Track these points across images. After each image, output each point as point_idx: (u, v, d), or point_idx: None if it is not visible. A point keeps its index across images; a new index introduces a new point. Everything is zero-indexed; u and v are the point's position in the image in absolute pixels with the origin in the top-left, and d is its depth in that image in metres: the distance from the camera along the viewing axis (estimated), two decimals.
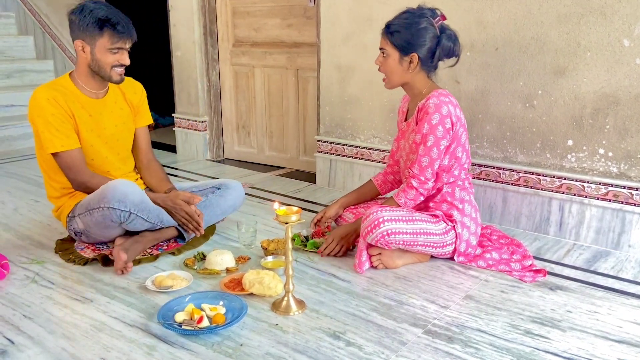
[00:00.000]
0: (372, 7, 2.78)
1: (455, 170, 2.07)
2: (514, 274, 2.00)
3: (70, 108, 2.02)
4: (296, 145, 3.66)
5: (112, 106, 2.16)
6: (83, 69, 2.06)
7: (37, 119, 1.98)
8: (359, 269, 2.01)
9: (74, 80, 2.08)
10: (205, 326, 1.58)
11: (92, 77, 2.08)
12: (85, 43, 1.99)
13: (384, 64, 2.04)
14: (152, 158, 2.33)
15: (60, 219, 2.18)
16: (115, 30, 1.97)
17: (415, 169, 2.02)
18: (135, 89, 2.26)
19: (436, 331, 1.63)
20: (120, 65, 2.04)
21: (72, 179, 2.04)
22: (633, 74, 2.12)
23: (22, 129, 4.22)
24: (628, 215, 2.21)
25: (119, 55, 2.01)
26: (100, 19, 1.95)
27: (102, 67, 2.02)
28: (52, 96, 1.98)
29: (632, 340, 1.59)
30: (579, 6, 2.18)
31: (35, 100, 1.99)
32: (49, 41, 4.93)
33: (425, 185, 2.02)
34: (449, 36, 1.98)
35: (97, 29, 1.95)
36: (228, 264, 2.02)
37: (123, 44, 2.01)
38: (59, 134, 1.98)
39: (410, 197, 2.03)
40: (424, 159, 2.00)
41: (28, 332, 1.62)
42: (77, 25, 1.97)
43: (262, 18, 3.59)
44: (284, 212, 1.67)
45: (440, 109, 1.95)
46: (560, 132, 2.32)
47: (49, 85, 2.04)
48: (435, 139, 1.97)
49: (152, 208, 2.04)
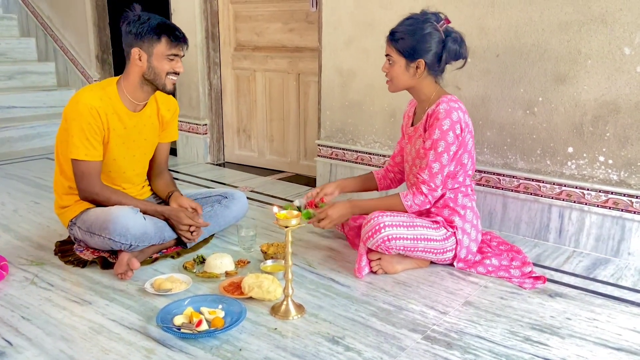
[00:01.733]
0: (374, 12, 2.79)
1: (460, 176, 2.07)
2: (513, 280, 2.00)
3: (108, 121, 2.03)
4: (297, 149, 3.66)
5: (146, 120, 2.18)
6: (134, 79, 2.06)
7: (73, 122, 1.98)
8: (358, 274, 2.01)
9: (120, 89, 2.08)
10: (204, 330, 1.58)
11: (141, 88, 2.08)
12: (143, 51, 2.00)
13: (391, 70, 2.03)
14: (165, 169, 2.36)
15: (61, 218, 2.17)
16: (173, 37, 2.01)
17: (426, 174, 1.99)
18: (170, 106, 2.27)
19: (435, 337, 1.62)
20: (175, 73, 2.06)
21: (82, 187, 2.03)
22: (633, 82, 2.12)
23: (23, 131, 4.23)
24: (628, 223, 2.21)
25: (174, 63, 2.04)
26: (159, 25, 1.99)
27: (158, 75, 2.03)
28: (95, 107, 1.98)
29: (631, 348, 1.59)
30: (580, 14, 2.19)
31: (78, 104, 1.98)
32: (50, 43, 4.94)
33: (435, 193, 2.00)
34: (455, 39, 1.97)
35: (155, 36, 1.98)
36: (227, 267, 2.02)
37: (179, 51, 2.05)
38: (87, 144, 1.99)
39: (418, 202, 2.02)
40: (434, 164, 1.98)
41: (26, 333, 1.62)
42: (135, 34, 1.99)
43: (264, 22, 3.60)
44: (284, 216, 1.67)
45: (451, 115, 1.94)
46: (560, 139, 2.33)
47: (96, 93, 2.02)
48: (446, 145, 1.96)
49: (153, 235, 2.04)
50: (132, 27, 1.99)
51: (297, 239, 2.37)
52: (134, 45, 2.00)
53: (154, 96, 2.18)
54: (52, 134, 4.37)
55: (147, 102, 2.16)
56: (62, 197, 2.15)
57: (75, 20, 4.68)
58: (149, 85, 2.07)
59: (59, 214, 2.18)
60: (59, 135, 2.11)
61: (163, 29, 1.99)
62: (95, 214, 2.02)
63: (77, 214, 2.09)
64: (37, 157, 3.94)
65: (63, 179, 2.13)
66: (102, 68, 4.68)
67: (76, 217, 2.09)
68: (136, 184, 2.25)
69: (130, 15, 2.02)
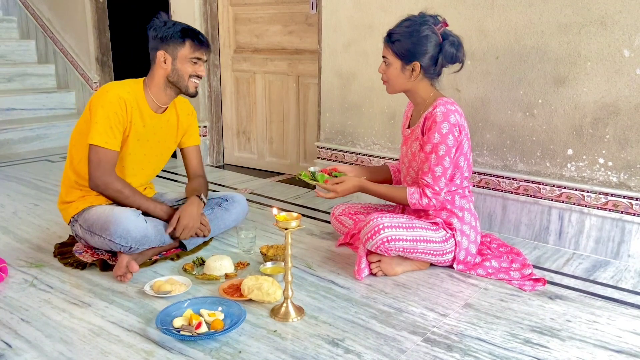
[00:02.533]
0: (374, 15, 2.79)
1: (456, 179, 2.07)
2: (513, 282, 2.00)
3: (132, 115, 2.08)
4: (296, 151, 3.66)
5: (166, 123, 2.22)
6: (158, 81, 2.12)
7: (100, 110, 2.01)
8: (358, 276, 2.01)
9: (145, 89, 2.14)
10: (203, 332, 1.58)
11: (165, 91, 2.14)
12: (167, 54, 2.08)
13: (387, 72, 2.04)
14: (200, 175, 2.36)
15: (63, 213, 2.17)
16: (197, 40, 2.09)
17: (429, 178, 1.99)
18: (189, 111, 2.34)
19: (435, 339, 1.62)
20: (198, 77, 2.13)
21: (96, 175, 2.02)
22: (633, 84, 2.12)
23: (23, 133, 4.23)
24: (628, 225, 2.21)
25: (197, 66, 2.11)
26: (184, 29, 2.08)
27: (182, 77, 2.10)
28: (124, 98, 2.05)
29: (631, 351, 1.58)
30: (580, 16, 2.19)
31: (107, 93, 2.04)
32: (50, 45, 4.94)
33: (439, 197, 2.00)
34: (452, 42, 1.97)
35: (179, 39, 2.06)
36: (227, 269, 2.02)
37: (202, 55, 2.11)
38: (110, 132, 2.02)
39: (423, 203, 2.02)
40: (437, 168, 1.98)
41: (25, 336, 1.61)
42: (161, 37, 2.07)
43: (264, 25, 3.60)
44: (283, 218, 1.67)
45: (449, 118, 1.94)
46: (560, 141, 2.33)
47: (124, 86, 2.09)
48: (447, 148, 1.96)
49: (153, 238, 2.04)
50: (158, 32, 2.08)
51: (296, 241, 2.37)
52: (159, 48, 2.09)
53: (173, 102, 2.24)
54: (51, 136, 4.38)
55: (168, 107, 2.21)
56: (68, 191, 2.15)
57: (75, 23, 4.68)
58: (172, 88, 2.14)
59: (61, 209, 2.18)
60: (77, 126, 2.15)
61: (187, 33, 2.08)
62: (97, 213, 2.02)
63: (80, 211, 2.09)
64: (37, 159, 3.94)
65: (71, 172, 2.13)
66: (102, 70, 4.69)
67: (78, 214, 2.10)
68: (141, 185, 2.25)
69: (156, 21, 2.11)
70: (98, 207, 2.06)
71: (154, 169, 2.31)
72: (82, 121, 2.12)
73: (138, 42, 5.45)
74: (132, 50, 5.41)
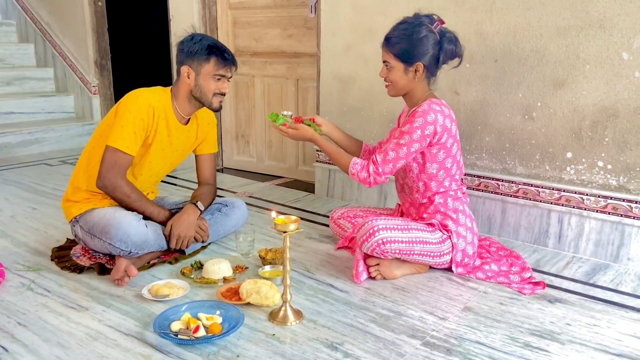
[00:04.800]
0: (373, 18, 2.79)
1: (445, 181, 2.07)
2: (513, 286, 1.99)
3: (157, 124, 2.08)
4: (295, 154, 3.66)
5: (187, 134, 2.22)
6: (183, 94, 2.12)
7: (127, 113, 2.00)
8: (356, 280, 2.00)
9: (173, 100, 2.14)
10: (201, 336, 1.57)
11: (189, 103, 2.14)
12: (192, 69, 2.07)
13: (389, 75, 2.04)
14: (209, 183, 2.34)
15: (66, 212, 2.16)
16: (222, 57, 2.06)
17: (379, 157, 1.99)
18: (210, 120, 2.32)
19: (434, 343, 1.61)
20: (221, 94, 2.12)
21: (107, 176, 2.01)
22: (632, 87, 2.12)
23: (21, 136, 4.22)
24: (627, 228, 2.21)
25: (220, 83, 2.09)
26: (210, 46, 2.05)
27: (205, 94, 2.09)
28: (153, 106, 2.04)
29: (631, 354, 1.58)
30: (578, 19, 2.20)
31: (138, 98, 2.04)
32: (49, 49, 4.94)
33: (379, 178, 1.99)
34: (450, 39, 1.99)
35: (204, 55, 2.04)
36: (225, 273, 2.01)
37: (226, 72, 2.09)
38: (133, 137, 2.01)
39: (361, 176, 2.01)
40: (391, 152, 1.98)
41: (22, 340, 1.60)
42: (187, 52, 2.06)
43: (263, 28, 3.60)
44: (282, 221, 1.66)
45: (427, 115, 1.95)
46: (559, 144, 2.32)
47: (155, 95, 2.09)
48: (410, 140, 1.95)
49: (153, 243, 2.04)
50: (184, 46, 2.07)
51: (295, 245, 2.37)
52: (184, 62, 2.08)
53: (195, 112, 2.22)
54: (50, 140, 4.37)
55: (191, 118, 2.21)
56: (74, 191, 2.14)
57: (74, 26, 4.68)
58: (196, 102, 2.13)
59: (65, 207, 2.17)
60: (99, 128, 2.13)
61: (213, 49, 2.05)
62: (99, 216, 2.01)
63: (82, 212, 2.08)
64: (35, 163, 3.93)
65: (84, 174, 2.12)
66: (100, 74, 4.69)
67: (80, 215, 2.09)
68: (147, 188, 2.26)
69: (185, 35, 2.10)
70: (100, 209, 2.05)
71: (164, 175, 2.32)
72: (105, 124, 2.10)
73: (137, 45, 5.48)
74: (131, 53, 5.42)
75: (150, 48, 5.30)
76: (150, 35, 5.20)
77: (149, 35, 5.29)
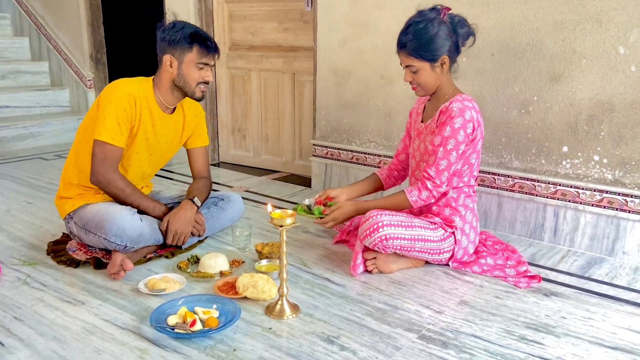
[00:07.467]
0: (369, 12, 2.78)
1: (465, 176, 2.07)
2: (508, 279, 2.00)
3: (141, 113, 2.06)
4: (292, 149, 3.65)
5: (173, 124, 2.20)
6: (165, 83, 2.09)
7: (109, 105, 1.99)
8: (353, 272, 2.00)
9: (154, 88, 2.11)
10: (198, 330, 1.57)
11: (171, 92, 2.11)
12: (174, 58, 2.04)
13: (417, 78, 2.01)
14: (204, 176, 2.33)
15: (59, 209, 2.16)
16: (205, 46, 2.04)
17: (432, 171, 1.99)
18: (196, 111, 2.30)
19: (430, 336, 1.62)
20: (204, 83, 2.09)
21: (99, 171, 2.00)
22: (628, 81, 2.13)
23: (16, 131, 4.20)
24: (622, 222, 2.22)
25: (204, 72, 2.07)
26: (192, 34, 2.03)
27: (187, 83, 2.07)
28: (133, 95, 2.02)
29: (626, 347, 1.58)
30: (575, 13, 2.19)
31: (117, 89, 2.02)
32: (44, 42, 4.91)
33: (439, 189, 2.00)
34: (460, 22, 1.98)
35: (187, 44, 2.02)
36: (222, 267, 2.01)
37: (209, 60, 2.07)
38: (117, 128, 2.00)
39: (423, 197, 2.01)
40: (442, 162, 1.98)
41: (18, 334, 1.60)
42: (168, 40, 2.03)
43: (259, 22, 3.59)
44: (278, 215, 1.66)
45: (464, 114, 1.94)
46: (555, 138, 2.33)
47: (135, 84, 2.07)
48: (456, 143, 1.96)
49: (148, 237, 2.03)
50: (166, 34, 2.04)
51: (291, 239, 2.37)
52: (166, 51, 2.05)
53: (181, 103, 2.21)
54: (45, 134, 4.35)
55: (175, 107, 2.19)
56: (66, 187, 2.13)
57: (69, 20, 4.66)
58: (179, 91, 2.11)
59: (58, 204, 2.16)
60: (84, 122, 2.12)
61: (195, 37, 2.03)
62: (93, 211, 2.01)
63: (76, 208, 2.08)
64: (30, 157, 3.92)
65: (73, 169, 2.11)
66: (96, 67, 4.67)
67: (74, 211, 2.08)
68: (140, 182, 2.25)
69: (165, 23, 2.07)
70: (94, 205, 2.05)
71: (155, 168, 2.30)
72: (89, 117, 2.09)
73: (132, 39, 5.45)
74: (127, 47, 5.39)
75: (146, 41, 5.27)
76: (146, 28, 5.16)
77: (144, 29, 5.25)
